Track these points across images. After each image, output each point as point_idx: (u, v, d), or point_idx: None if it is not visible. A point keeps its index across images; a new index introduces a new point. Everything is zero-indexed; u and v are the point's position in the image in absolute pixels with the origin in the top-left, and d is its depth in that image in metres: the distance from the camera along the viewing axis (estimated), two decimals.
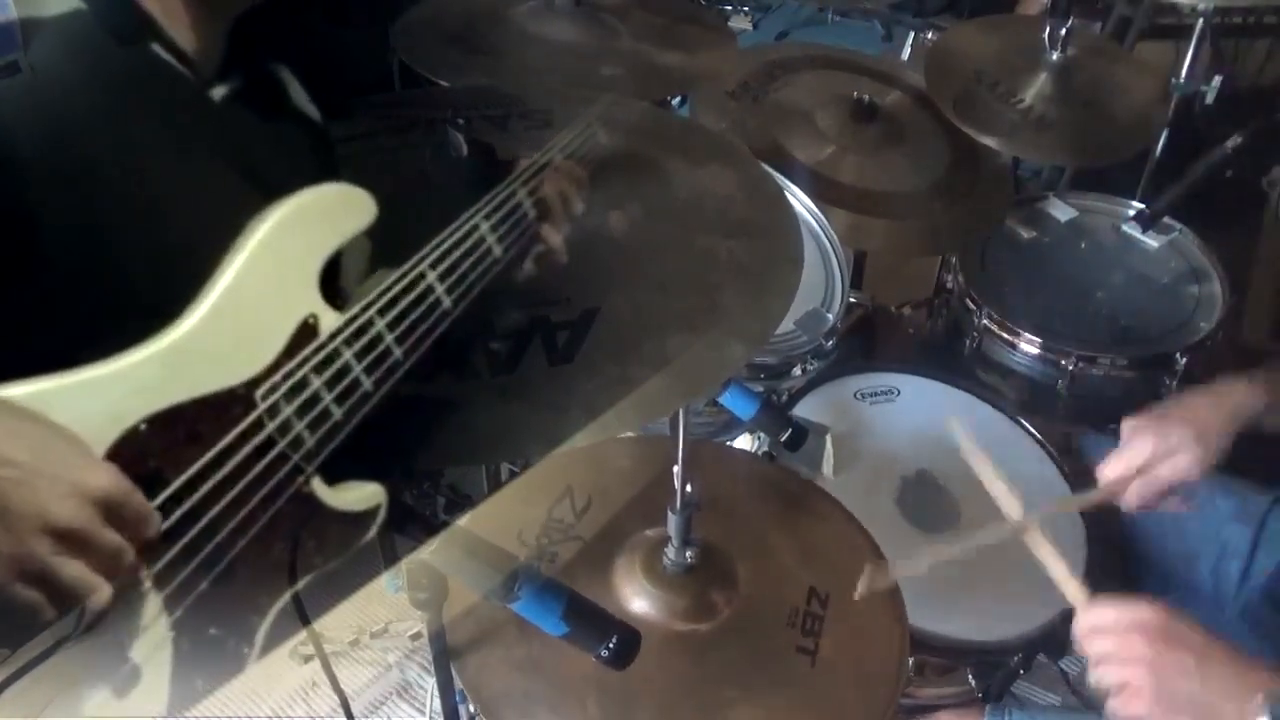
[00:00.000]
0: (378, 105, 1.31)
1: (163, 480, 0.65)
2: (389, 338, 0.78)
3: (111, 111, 0.79)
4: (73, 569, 0.58)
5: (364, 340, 0.77)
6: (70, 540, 0.58)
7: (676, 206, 1.14)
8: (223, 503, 0.68)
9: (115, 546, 0.60)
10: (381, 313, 0.78)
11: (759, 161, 1.24)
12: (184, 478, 0.66)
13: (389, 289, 0.79)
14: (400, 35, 1.59)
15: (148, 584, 0.65)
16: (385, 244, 0.94)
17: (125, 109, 0.80)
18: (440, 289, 0.83)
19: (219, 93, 0.87)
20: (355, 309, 0.77)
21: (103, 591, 0.59)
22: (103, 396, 0.63)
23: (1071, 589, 1.03)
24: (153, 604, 0.65)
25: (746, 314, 1.00)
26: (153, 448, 0.65)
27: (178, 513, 0.65)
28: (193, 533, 0.66)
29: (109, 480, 0.61)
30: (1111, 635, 0.96)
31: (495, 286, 0.91)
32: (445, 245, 0.84)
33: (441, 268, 0.83)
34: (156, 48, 0.82)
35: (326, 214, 0.76)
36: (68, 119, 0.76)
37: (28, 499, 0.56)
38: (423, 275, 0.81)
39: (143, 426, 0.64)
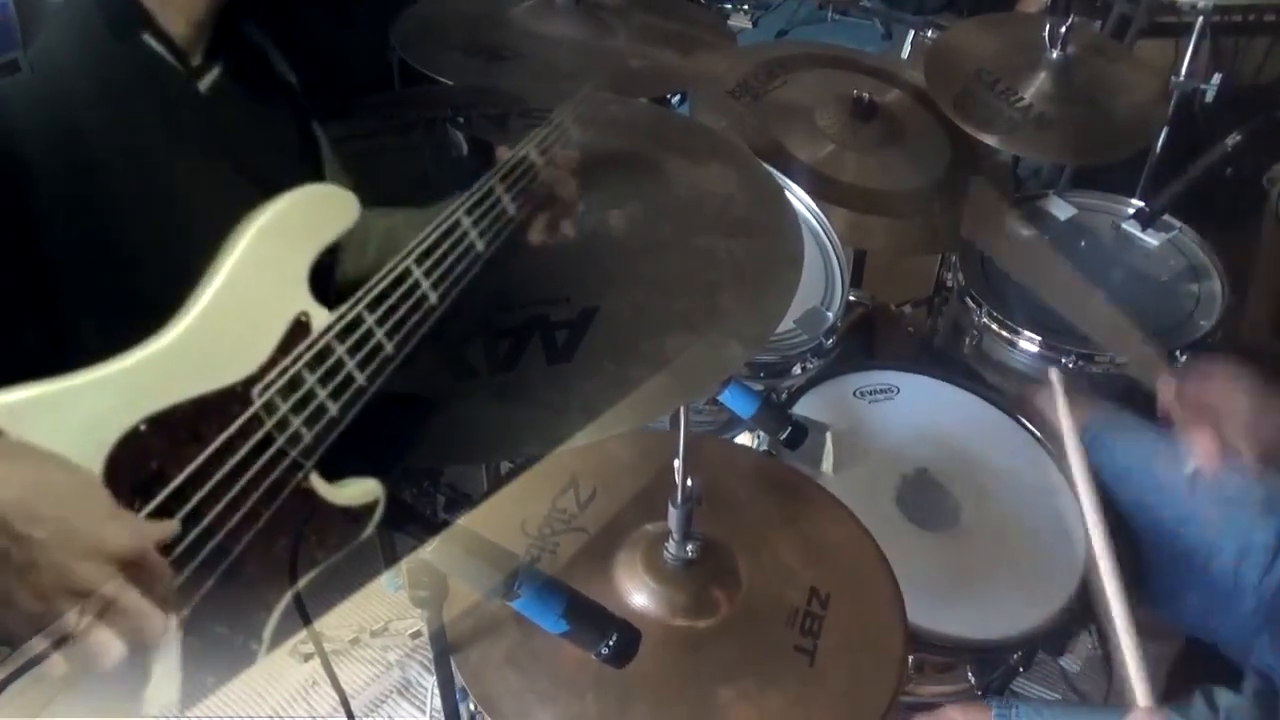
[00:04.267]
0: (378, 105, 1.31)
1: (165, 479, 0.65)
2: (379, 332, 0.79)
3: (108, 108, 0.79)
4: (88, 628, 0.58)
5: (355, 336, 0.78)
6: (92, 600, 0.58)
7: (676, 206, 1.14)
8: (225, 500, 0.68)
9: (137, 608, 0.60)
10: (370, 308, 0.79)
11: (759, 160, 1.24)
12: (185, 476, 0.66)
13: (376, 285, 0.80)
14: (400, 34, 1.59)
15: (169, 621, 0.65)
16: None
17: (121, 105, 0.80)
18: (426, 284, 0.84)
19: (205, 83, 0.87)
20: (344, 306, 0.78)
21: (115, 651, 0.59)
22: (103, 398, 0.64)
23: (1140, 690, 1.04)
24: None
25: (746, 314, 1.00)
26: (154, 448, 0.65)
27: (181, 511, 0.66)
28: (196, 531, 0.67)
29: (131, 538, 0.61)
30: None
31: (491, 280, 0.91)
32: (428, 241, 0.85)
33: (427, 263, 0.84)
34: (148, 38, 0.82)
35: (313, 215, 0.77)
36: (68, 118, 0.77)
37: (53, 560, 0.57)
38: (409, 271, 0.82)
39: (143, 427, 0.65)
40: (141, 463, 0.64)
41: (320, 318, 0.76)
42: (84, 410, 0.62)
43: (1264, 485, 1.39)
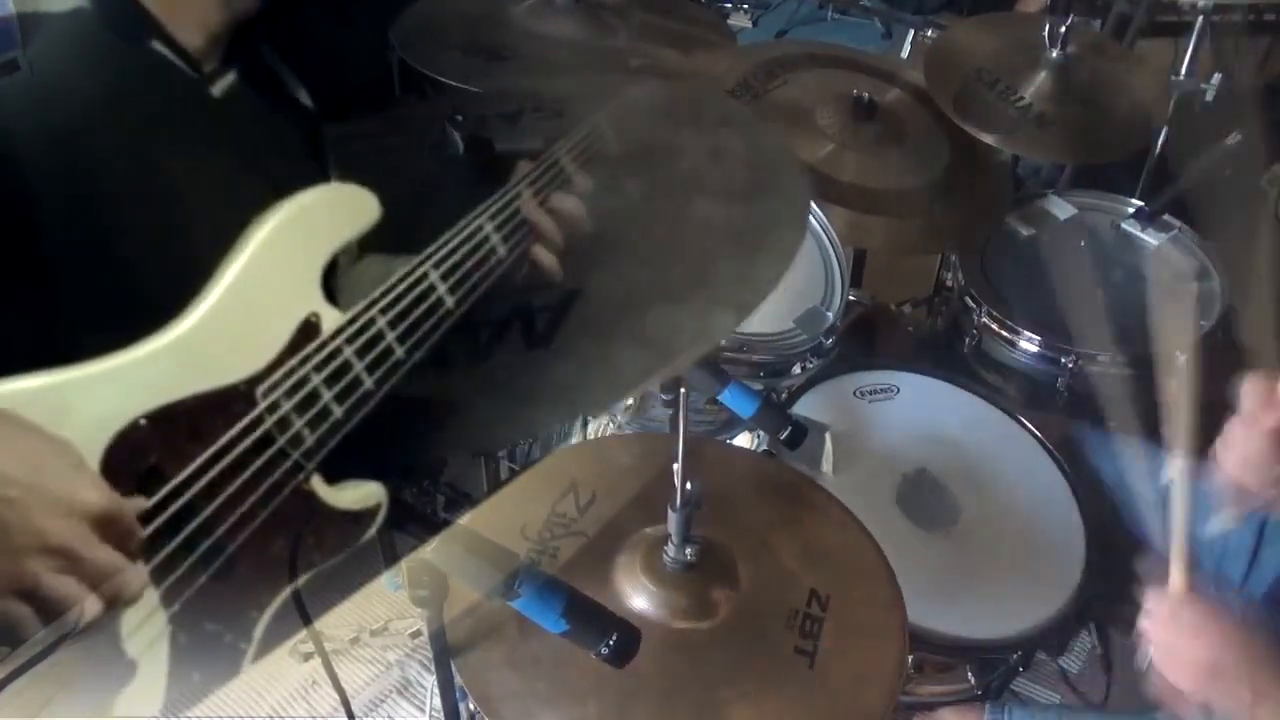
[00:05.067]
0: (378, 105, 1.31)
1: (161, 475, 0.65)
2: (390, 336, 0.78)
3: (112, 109, 0.79)
4: (65, 586, 0.58)
5: (365, 339, 0.77)
6: (63, 557, 0.58)
7: (677, 177, 1.11)
8: (221, 498, 0.68)
9: (109, 563, 0.60)
10: (383, 311, 0.78)
11: (763, 124, 1.20)
12: (183, 473, 0.66)
13: (391, 288, 0.79)
14: (400, 34, 1.58)
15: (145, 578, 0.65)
16: (385, 244, 0.94)
17: (126, 106, 0.80)
18: (443, 288, 0.83)
19: (219, 87, 0.87)
20: (357, 308, 0.77)
21: (94, 609, 0.59)
22: (105, 392, 0.63)
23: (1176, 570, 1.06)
24: (149, 598, 0.65)
25: (738, 281, 0.96)
26: (153, 443, 0.65)
27: (175, 506, 0.65)
28: (190, 527, 0.66)
29: (101, 497, 0.61)
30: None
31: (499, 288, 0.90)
32: (449, 245, 0.84)
33: (445, 267, 0.83)
34: (157, 45, 0.82)
35: (329, 214, 0.76)
36: (67, 117, 0.77)
37: (23, 517, 0.57)
38: (426, 275, 0.81)
39: (143, 422, 0.64)
40: (139, 458, 0.64)
41: (331, 319, 0.75)
42: (86, 402, 0.62)
43: (1236, 490, 1.39)
